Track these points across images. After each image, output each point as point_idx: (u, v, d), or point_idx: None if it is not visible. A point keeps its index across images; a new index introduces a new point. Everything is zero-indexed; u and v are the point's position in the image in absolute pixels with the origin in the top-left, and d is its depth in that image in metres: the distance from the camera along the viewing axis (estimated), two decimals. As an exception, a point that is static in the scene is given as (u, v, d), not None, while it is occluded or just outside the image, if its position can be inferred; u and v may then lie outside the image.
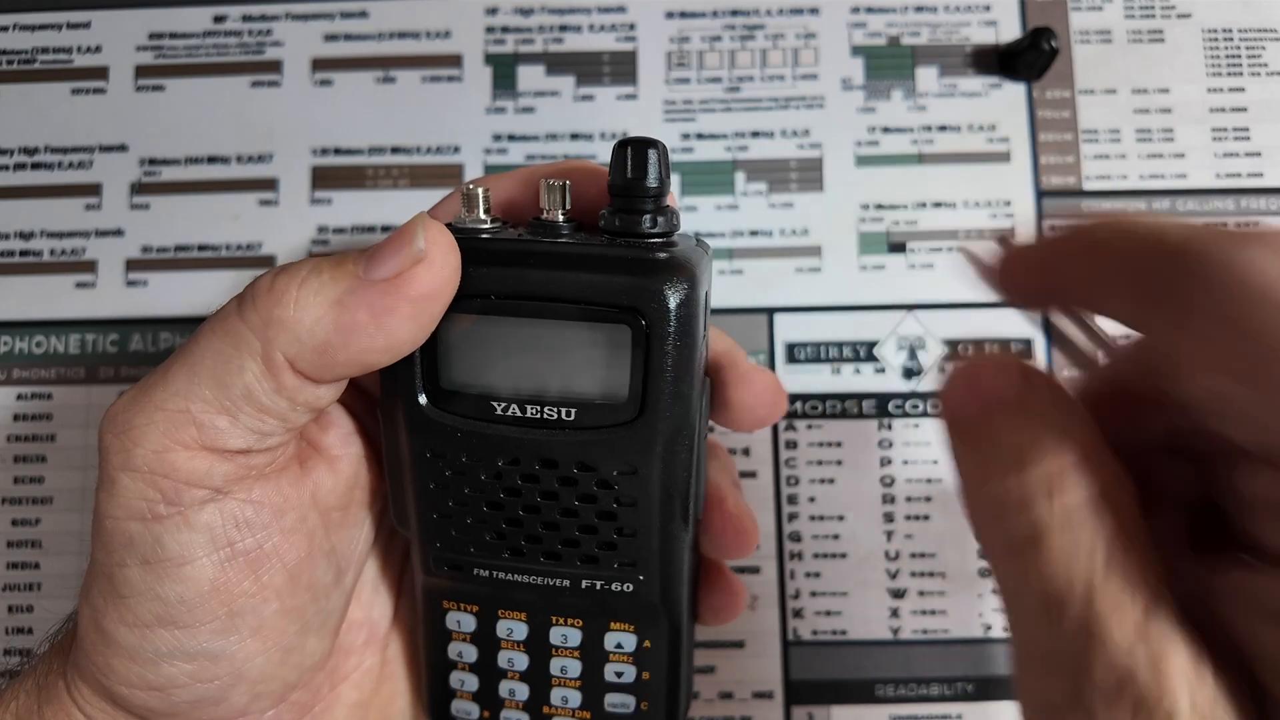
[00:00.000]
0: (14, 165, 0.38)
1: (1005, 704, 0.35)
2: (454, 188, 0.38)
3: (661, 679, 0.27)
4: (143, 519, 0.21)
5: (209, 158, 0.38)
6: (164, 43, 0.39)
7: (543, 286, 0.22)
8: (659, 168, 0.22)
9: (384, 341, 0.21)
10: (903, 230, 0.38)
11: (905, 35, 0.39)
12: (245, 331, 0.21)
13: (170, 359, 0.22)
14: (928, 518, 0.36)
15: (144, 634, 0.22)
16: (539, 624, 0.26)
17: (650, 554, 0.25)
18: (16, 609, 0.36)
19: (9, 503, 0.36)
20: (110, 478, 0.21)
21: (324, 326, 0.20)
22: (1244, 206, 0.38)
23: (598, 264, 0.21)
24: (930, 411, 0.37)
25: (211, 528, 0.22)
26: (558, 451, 0.23)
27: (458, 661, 0.27)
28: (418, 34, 0.39)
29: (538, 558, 0.25)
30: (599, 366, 0.22)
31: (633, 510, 0.24)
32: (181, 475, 0.21)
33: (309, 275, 0.21)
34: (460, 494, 0.24)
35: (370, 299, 0.21)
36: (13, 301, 0.37)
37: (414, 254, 0.21)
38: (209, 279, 0.37)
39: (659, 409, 0.22)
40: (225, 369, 0.21)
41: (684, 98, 0.39)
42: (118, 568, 0.22)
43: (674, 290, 0.21)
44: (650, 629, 0.26)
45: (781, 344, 0.37)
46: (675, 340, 0.22)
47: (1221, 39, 0.39)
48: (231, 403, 0.21)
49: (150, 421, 0.21)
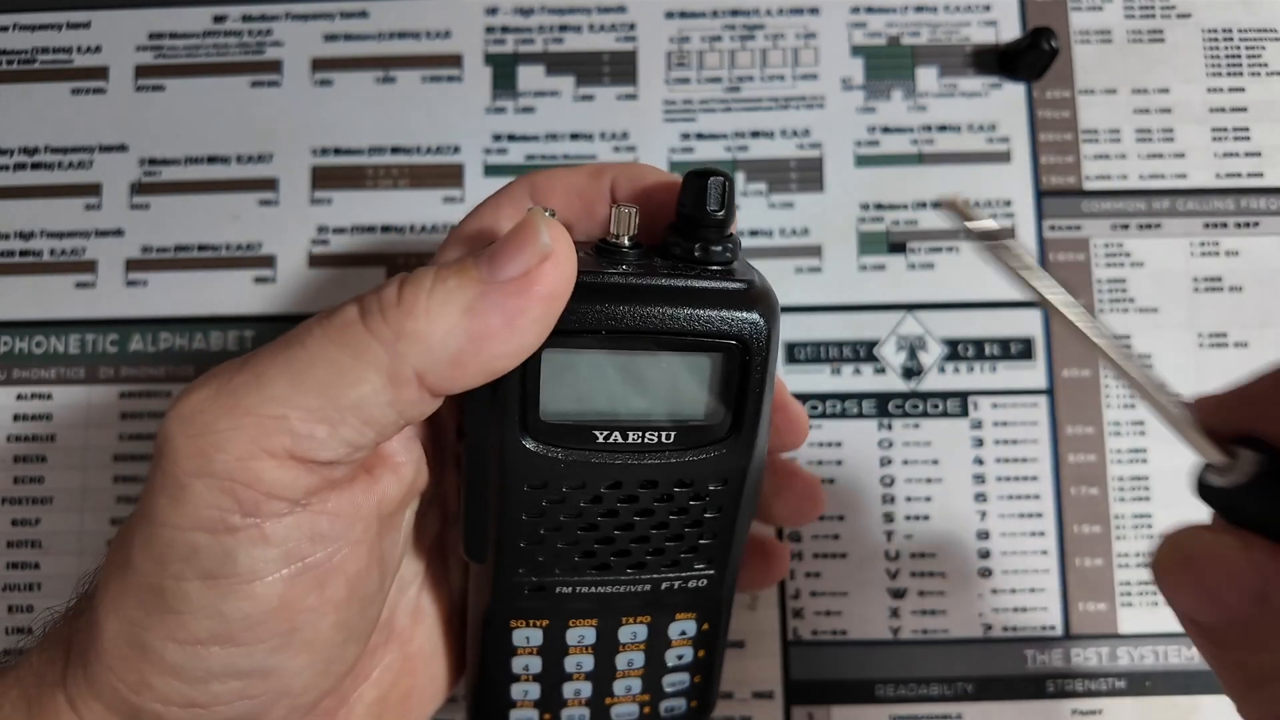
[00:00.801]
0: (14, 165, 0.38)
1: (1005, 704, 0.35)
2: (455, 185, 0.38)
3: (711, 651, 0.29)
4: (213, 530, 0.20)
5: (209, 158, 0.38)
6: (164, 43, 0.39)
7: (652, 321, 0.22)
8: (729, 199, 0.23)
9: (516, 345, 0.20)
10: (903, 230, 0.38)
11: (905, 35, 0.39)
12: (373, 344, 0.20)
13: (261, 360, 0.21)
14: (928, 518, 0.36)
15: (195, 651, 0.20)
16: (609, 626, 0.27)
17: (728, 551, 0.26)
18: (16, 609, 0.36)
19: (9, 503, 0.36)
20: (179, 483, 0.20)
21: (457, 336, 0.20)
22: (1244, 206, 0.38)
23: (700, 298, 0.23)
24: (930, 412, 0.37)
25: (286, 542, 0.21)
26: (658, 472, 0.24)
27: (522, 674, 0.28)
28: (418, 34, 0.39)
29: (624, 570, 0.26)
30: (699, 390, 0.24)
31: (719, 516, 0.25)
32: (264, 486, 0.20)
33: (435, 284, 0.20)
34: (554, 521, 0.25)
35: (502, 301, 0.20)
36: (13, 301, 0.37)
37: (541, 250, 0.20)
38: (209, 279, 0.37)
39: (751, 425, 0.24)
40: (340, 380, 0.20)
41: (684, 98, 0.39)
42: (173, 580, 0.20)
43: (771, 317, 0.23)
44: (710, 612, 0.28)
45: (781, 344, 0.37)
46: (766, 361, 0.23)
47: (1221, 39, 0.39)
48: (337, 413, 0.20)
49: (237, 426, 0.20)
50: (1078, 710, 0.35)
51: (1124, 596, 0.36)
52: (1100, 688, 0.35)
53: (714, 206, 0.23)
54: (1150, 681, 0.35)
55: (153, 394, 0.37)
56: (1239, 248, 0.38)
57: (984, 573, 0.36)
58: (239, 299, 0.37)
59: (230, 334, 0.37)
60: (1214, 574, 0.18)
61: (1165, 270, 0.37)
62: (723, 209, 0.23)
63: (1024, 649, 0.36)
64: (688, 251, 0.24)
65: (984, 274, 0.37)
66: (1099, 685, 0.35)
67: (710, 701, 0.30)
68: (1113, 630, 0.36)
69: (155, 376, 0.37)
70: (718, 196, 0.23)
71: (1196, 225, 0.38)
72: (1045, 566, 0.36)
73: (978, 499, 0.36)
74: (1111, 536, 0.36)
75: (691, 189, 0.23)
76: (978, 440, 0.37)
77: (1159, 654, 0.35)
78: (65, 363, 0.37)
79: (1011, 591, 0.36)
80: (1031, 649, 0.36)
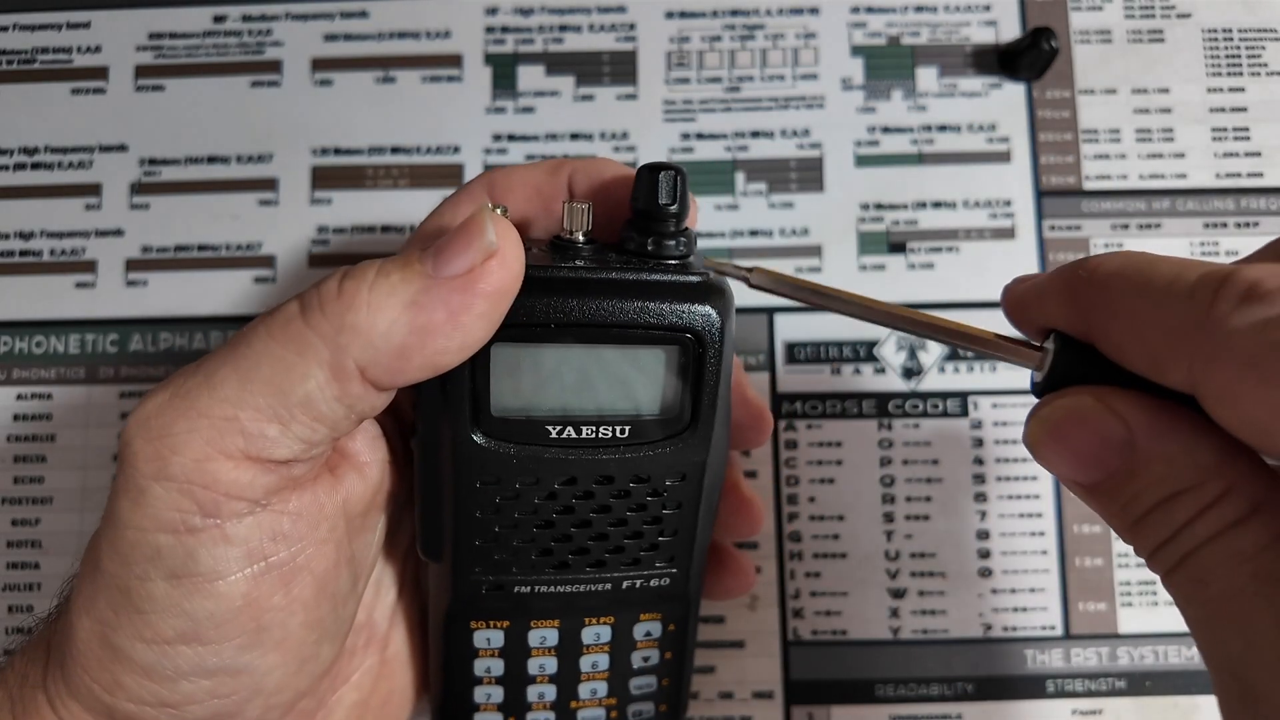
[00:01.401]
0: (14, 165, 0.38)
1: (1005, 704, 0.35)
2: (455, 186, 0.38)
3: (680, 654, 0.28)
4: (174, 531, 0.20)
5: (209, 158, 0.38)
6: (164, 43, 0.39)
7: (602, 314, 0.22)
8: (682, 192, 0.23)
9: (460, 341, 0.20)
10: (903, 230, 0.38)
11: (905, 35, 0.39)
12: (312, 338, 0.20)
13: (212, 362, 0.21)
14: (928, 518, 0.36)
15: (164, 650, 0.21)
16: (571, 627, 0.27)
17: (689, 548, 0.26)
18: (16, 609, 0.36)
19: (9, 503, 0.36)
20: (138, 486, 0.20)
21: (399, 330, 0.20)
22: (1244, 206, 0.38)
23: (651, 291, 0.23)
24: (930, 412, 0.37)
25: (248, 541, 0.21)
26: (613, 467, 0.24)
27: (484, 677, 0.27)
28: (418, 34, 0.39)
29: (583, 568, 0.26)
30: (653, 384, 0.24)
31: (678, 512, 0.25)
32: (222, 486, 0.20)
33: (377, 278, 0.20)
34: (509, 518, 0.24)
35: (446, 297, 0.20)
36: (13, 301, 0.37)
37: (486, 247, 0.20)
38: (209, 279, 0.37)
39: (708, 417, 0.24)
40: (286, 377, 0.20)
41: (684, 98, 0.39)
42: (138, 581, 0.20)
43: (723, 310, 0.23)
44: (674, 612, 0.28)
45: (781, 344, 0.37)
46: (720, 354, 0.23)
47: (1221, 39, 0.39)
48: (286, 411, 0.20)
49: (192, 429, 0.20)
50: (1078, 710, 0.35)
51: (1124, 596, 0.36)
52: (1100, 688, 0.35)
53: (665, 200, 0.23)
54: (1150, 681, 0.35)
55: (153, 394, 0.37)
56: (1239, 248, 0.38)
57: (984, 573, 0.36)
58: (239, 299, 0.37)
59: (230, 334, 0.37)
60: (1080, 434, 0.19)
61: (1165, 270, 0.37)
62: (674, 202, 0.23)
63: (1024, 649, 0.36)
64: (641, 246, 0.24)
65: (984, 274, 0.37)
66: (1099, 685, 0.35)
67: (681, 706, 0.30)
68: (1113, 630, 0.36)
69: (155, 376, 0.37)
70: (669, 190, 0.23)
71: (1196, 225, 0.38)
72: (1045, 566, 0.36)
73: (978, 499, 0.36)
74: (1111, 536, 0.36)
75: (644, 183, 0.23)
76: (978, 440, 0.37)
77: (1159, 654, 0.35)
78: (65, 363, 0.37)
79: (1011, 591, 0.36)
80: (1031, 649, 0.36)
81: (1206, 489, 0.18)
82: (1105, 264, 0.20)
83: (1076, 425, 0.19)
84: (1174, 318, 0.18)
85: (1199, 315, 0.17)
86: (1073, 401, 0.20)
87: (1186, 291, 0.17)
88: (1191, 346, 0.17)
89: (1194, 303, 0.17)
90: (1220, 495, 0.18)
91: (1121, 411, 0.19)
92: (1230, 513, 0.18)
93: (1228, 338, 0.16)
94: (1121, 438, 0.19)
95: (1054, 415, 0.20)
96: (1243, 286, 0.17)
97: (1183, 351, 0.17)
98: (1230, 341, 0.16)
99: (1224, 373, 0.17)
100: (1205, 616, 0.18)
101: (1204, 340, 0.17)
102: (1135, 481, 0.19)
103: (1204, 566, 0.18)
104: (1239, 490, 0.18)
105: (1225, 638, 0.17)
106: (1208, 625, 0.18)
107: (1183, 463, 0.18)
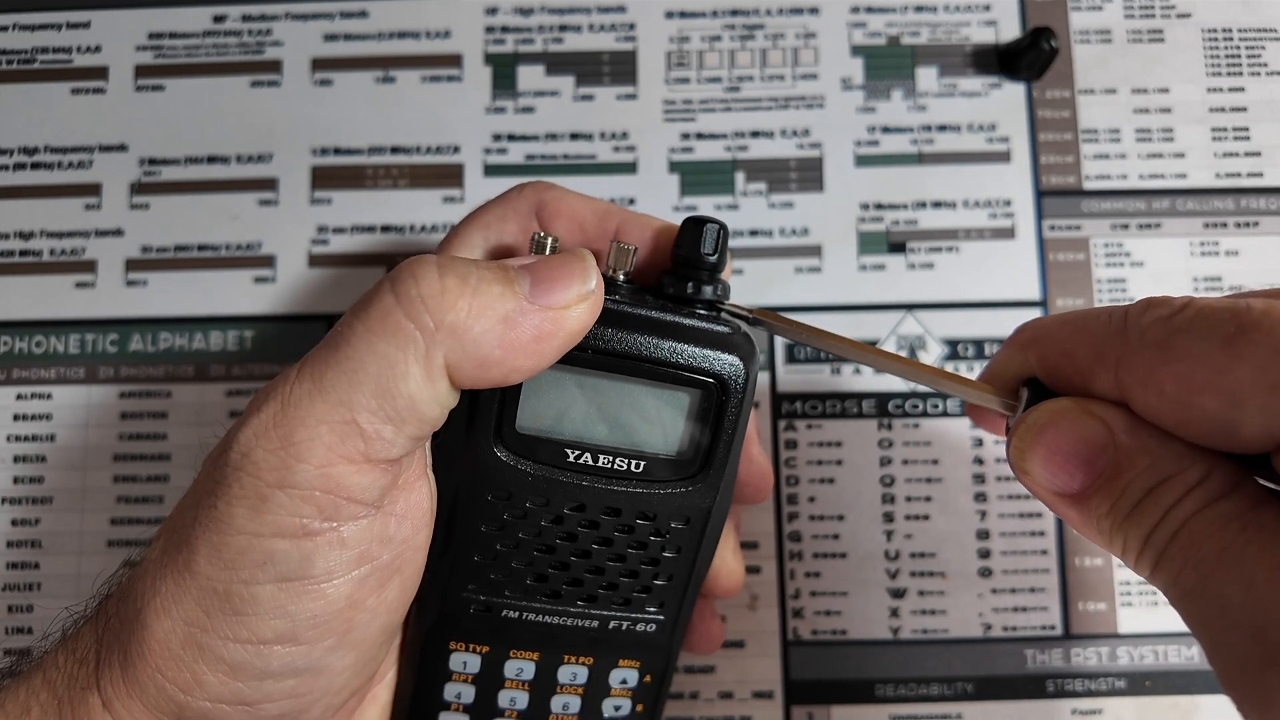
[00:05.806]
0: (14, 165, 0.38)
1: (1005, 704, 0.35)
2: (455, 186, 0.38)
3: (651, 709, 0.28)
4: (293, 536, 0.20)
5: (209, 158, 0.38)
6: (164, 43, 0.39)
7: (635, 348, 0.23)
8: (723, 246, 0.25)
9: (534, 364, 0.21)
10: (903, 230, 0.38)
11: (905, 35, 0.39)
12: (413, 332, 0.20)
13: (314, 364, 0.21)
14: (928, 518, 0.36)
15: (258, 650, 0.21)
16: (549, 663, 0.27)
17: (679, 597, 0.26)
18: (16, 609, 0.36)
19: (9, 503, 0.36)
20: (261, 494, 0.20)
21: (490, 340, 0.21)
22: (1244, 206, 0.38)
23: (684, 333, 0.24)
24: (930, 412, 0.37)
25: (361, 544, 0.21)
26: (622, 500, 0.25)
27: (453, 703, 0.27)
28: (418, 34, 0.39)
29: (575, 601, 0.26)
30: (674, 426, 0.25)
31: (677, 557, 0.26)
32: (345, 491, 0.21)
33: (479, 285, 0.21)
34: (512, 537, 0.25)
35: (538, 322, 0.21)
36: (13, 301, 0.37)
37: (584, 292, 0.22)
38: (209, 279, 0.37)
39: (719, 467, 0.25)
40: (390, 374, 0.20)
41: (684, 98, 0.39)
42: (242, 585, 0.21)
43: (750, 363, 0.24)
44: (652, 663, 0.28)
45: (781, 344, 0.37)
46: (741, 404, 0.24)
47: (1221, 39, 0.39)
48: (396, 411, 0.21)
49: (313, 436, 0.20)
50: (1078, 710, 0.35)
51: (1124, 596, 0.36)
52: (1100, 687, 0.35)
53: (708, 250, 0.25)
54: (1150, 681, 0.35)
55: (152, 394, 0.37)
56: (1239, 248, 0.38)
57: (984, 573, 0.36)
58: (239, 299, 0.37)
59: (230, 334, 0.37)
60: (1066, 435, 0.21)
61: (1165, 270, 0.37)
62: (715, 253, 0.25)
63: (1024, 649, 0.36)
64: (680, 291, 0.25)
65: (984, 274, 0.37)
66: (1099, 685, 0.35)
67: None
68: (1113, 630, 0.36)
69: (155, 376, 0.37)
70: (713, 241, 0.25)
71: (1196, 225, 0.38)
72: (1045, 566, 0.36)
73: (978, 499, 0.36)
74: (1111, 536, 0.36)
75: (689, 232, 0.25)
76: (977, 440, 0.37)
77: (1159, 654, 0.35)
78: (65, 363, 0.37)
79: (1011, 591, 0.36)
80: (1031, 649, 0.36)
81: (1190, 473, 0.19)
82: (1043, 318, 0.24)
83: (1062, 426, 0.21)
84: (1098, 334, 0.21)
85: (1117, 326, 0.20)
86: (1055, 404, 0.22)
87: (1107, 316, 0.21)
88: (1115, 352, 0.20)
89: (1113, 320, 0.21)
90: (1203, 476, 0.19)
91: (1099, 413, 0.21)
92: (1216, 488, 0.19)
93: (1140, 333, 0.20)
94: (1104, 438, 0.20)
95: (1040, 418, 0.22)
96: (1149, 300, 0.20)
97: (1108, 359, 0.20)
98: (1142, 336, 0.20)
99: (1140, 362, 0.20)
100: (1200, 579, 0.18)
101: (1122, 343, 0.20)
102: (1123, 476, 0.20)
103: (1195, 532, 0.19)
104: (1219, 471, 0.19)
105: (1224, 591, 0.18)
106: (1204, 587, 0.18)
107: (1163, 452, 0.20)
